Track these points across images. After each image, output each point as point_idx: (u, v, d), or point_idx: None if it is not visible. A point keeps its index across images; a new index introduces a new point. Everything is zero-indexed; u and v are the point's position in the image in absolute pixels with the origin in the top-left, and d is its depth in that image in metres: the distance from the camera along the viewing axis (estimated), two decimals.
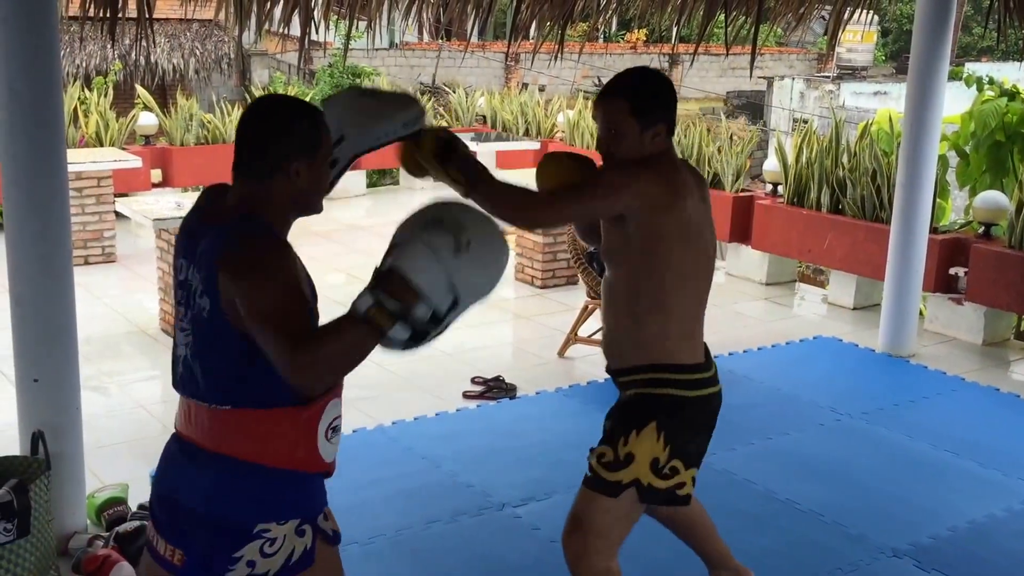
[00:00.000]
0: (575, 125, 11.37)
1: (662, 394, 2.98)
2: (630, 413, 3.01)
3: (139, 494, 4.22)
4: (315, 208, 2.44)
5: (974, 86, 9.62)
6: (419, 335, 2.21)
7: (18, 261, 3.78)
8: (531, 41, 7.01)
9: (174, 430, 2.47)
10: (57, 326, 3.85)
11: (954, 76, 9.60)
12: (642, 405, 3.00)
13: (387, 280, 2.16)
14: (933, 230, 6.88)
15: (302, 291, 2.27)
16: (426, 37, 22.78)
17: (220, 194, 2.44)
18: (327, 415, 2.41)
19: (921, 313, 7.08)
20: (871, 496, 4.72)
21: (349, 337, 2.17)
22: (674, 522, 3.48)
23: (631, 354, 3.01)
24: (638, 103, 2.88)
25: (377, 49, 20.60)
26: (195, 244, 2.33)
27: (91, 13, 4.65)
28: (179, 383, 2.41)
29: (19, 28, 3.63)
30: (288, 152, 2.30)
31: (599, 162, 3.07)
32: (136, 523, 3.99)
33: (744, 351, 6.69)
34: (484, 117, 12.64)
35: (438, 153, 2.74)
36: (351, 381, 6.16)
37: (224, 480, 2.32)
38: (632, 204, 2.86)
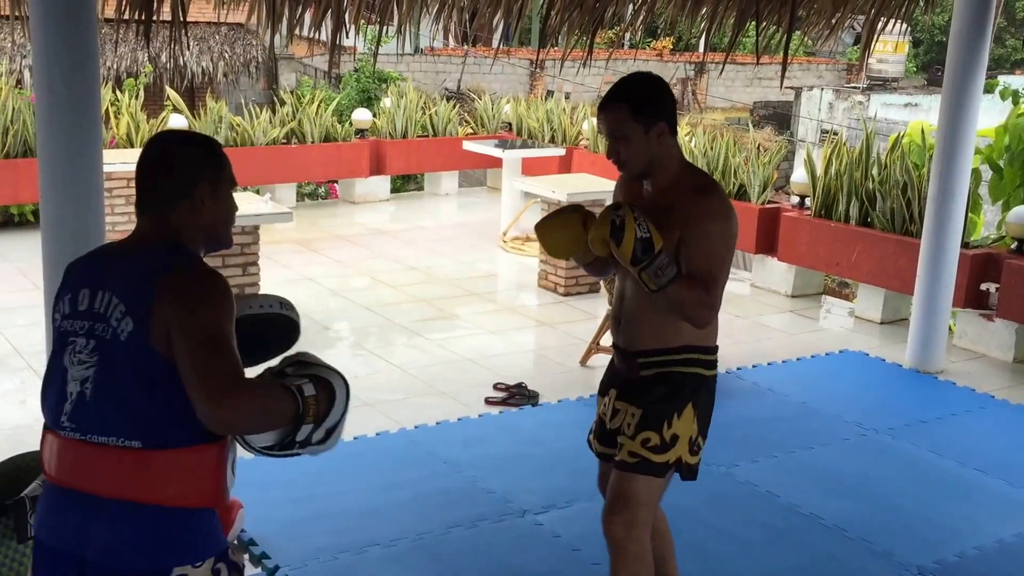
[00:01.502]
0: (599, 133, 11.34)
1: (692, 373, 3.14)
2: (666, 396, 3.13)
3: None
4: (224, 241, 2.43)
5: (1009, 99, 9.54)
6: (286, 445, 2.31)
7: (53, 258, 3.81)
8: (559, 48, 7.00)
9: (45, 477, 2.34)
10: None
11: (988, 89, 9.51)
12: (676, 386, 3.13)
13: (324, 386, 2.29)
14: (964, 245, 6.83)
15: (232, 324, 2.24)
16: (451, 43, 22.86)
17: (116, 242, 2.41)
18: (231, 448, 2.37)
19: (950, 329, 7.02)
20: (896, 513, 4.68)
21: (282, 404, 2.21)
22: (653, 529, 3.50)
23: (665, 336, 3.13)
24: (635, 106, 3.02)
25: (402, 55, 20.65)
26: (107, 269, 2.29)
27: (126, 16, 4.68)
28: (68, 422, 2.25)
29: (59, 29, 3.68)
30: (191, 178, 2.31)
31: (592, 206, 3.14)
32: None
33: (769, 364, 6.65)
34: (510, 124, 12.65)
35: (635, 257, 2.87)
36: (374, 384, 6.19)
37: (136, 529, 2.22)
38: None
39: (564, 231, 3.09)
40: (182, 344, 2.14)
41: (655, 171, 3.09)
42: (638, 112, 3.01)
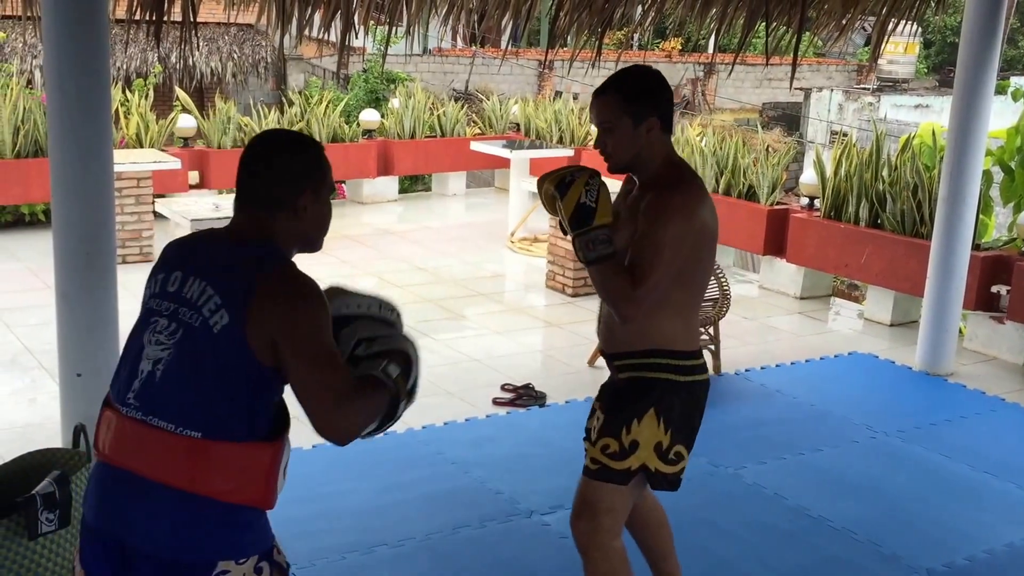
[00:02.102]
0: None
1: (657, 378, 3.03)
2: (627, 401, 3.05)
3: None
4: (316, 246, 2.44)
5: (1020, 100, 9.51)
6: (382, 423, 2.39)
7: (65, 258, 3.83)
8: (568, 49, 7.00)
9: (97, 456, 2.33)
10: (101, 322, 3.90)
11: (999, 90, 9.50)
12: (638, 391, 3.04)
13: (405, 360, 2.40)
14: (975, 247, 6.81)
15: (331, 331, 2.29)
16: (460, 44, 22.88)
17: (215, 230, 2.41)
18: (286, 451, 2.35)
19: (961, 331, 7.00)
20: (906, 515, 4.66)
21: (380, 399, 2.31)
22: (644, 523, 3.46)
23: (631, 339, 3.04)
24: (627, 97, 2.95)
25: (411, 55, 20.67)
26: (203, 257, 2.29)
27: (136, 16, 4.69)
28: (134, 400, 2.24)
29: (70, 30, 3.71)
30: (297, 186, 2.31)
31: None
32: None
33: (777, 365, 6.63)
34: (518, 124, 12.64)
35: (572, 219, 2.82)
36: None
37: (183, 519, 2.20)
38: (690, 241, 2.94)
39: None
40: (295, 359, 2.18)
41: (639, 167, 3.01)
42: (629, 104, 2.94)
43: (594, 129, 11.61)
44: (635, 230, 2.90)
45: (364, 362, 2.36)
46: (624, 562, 3.12)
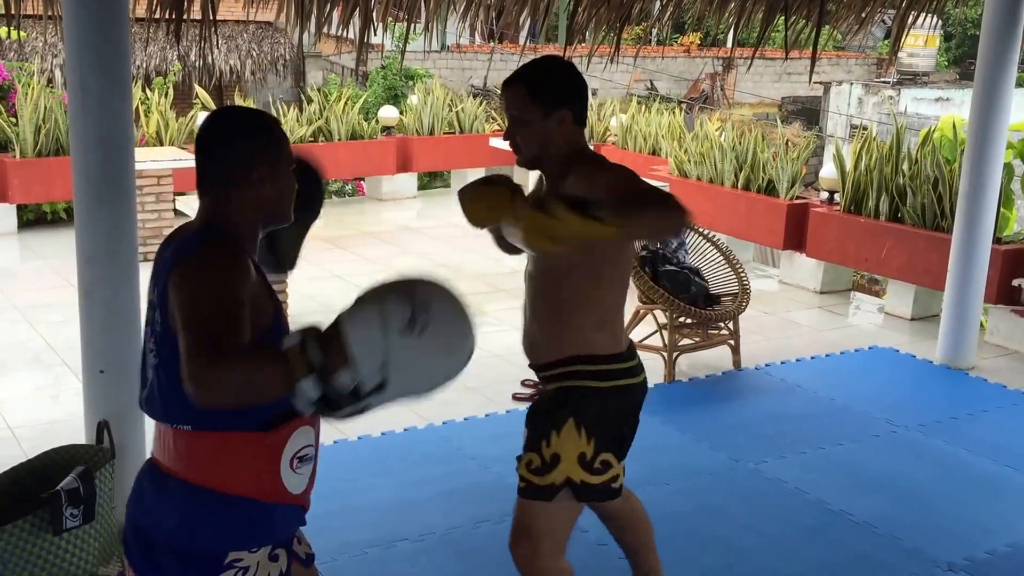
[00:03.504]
0: (628, 129, 11.33)
1: (576, 387, 2.92)
2: (546, 414, 2.96)
3: None
4: (284, 217, 2.39)
5: None
6: (332, 403, 2.06)
7: (87, 255, 3.86)
8: (586, 44, 6.99)
9: (151, 454, 2.41)
10: (123, 318, 3.92)
11: (1020, 83, 9.43)
12: (556, 403, 2.94)
13: (326, 332, 2.06)
14: (996, 240, 6.77)
15: (238, 305, 2.13)
16: (478, 40, 22.86)
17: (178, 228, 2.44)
18: (293, 443, 2.29)
19: (982, 325, 6.97)
20: (927, 509, 4.65)
21: (261, 368, 2.04)
22: (620, 520, 3.38)
23: (555, 348, 2.95)
24: (538, 88, 2.83)
25: (429, 52, 20.68)
26: (160, 258, 2.31)
27: (156, 15, 4.72)
28: (144, 404, 2.34)
29: (91, 29, 3.72)
30: (249, 158, 2.27)
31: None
32: None
33: (797, 360, 6.62)
34: None
35: (580, 213, 2.55)
36: None
37: (191, 509, 2.25)
38: None
39: (487, 201, 2.76)
40: (177, 326, 2.14)
41: (548, 161, 2.87)
42: (538, 95, 2.81)
43: (613, 124, 11.60)
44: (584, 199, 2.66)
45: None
46: None
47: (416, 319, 2.03)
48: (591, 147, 2.98)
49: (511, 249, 3.07)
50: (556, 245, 2.53)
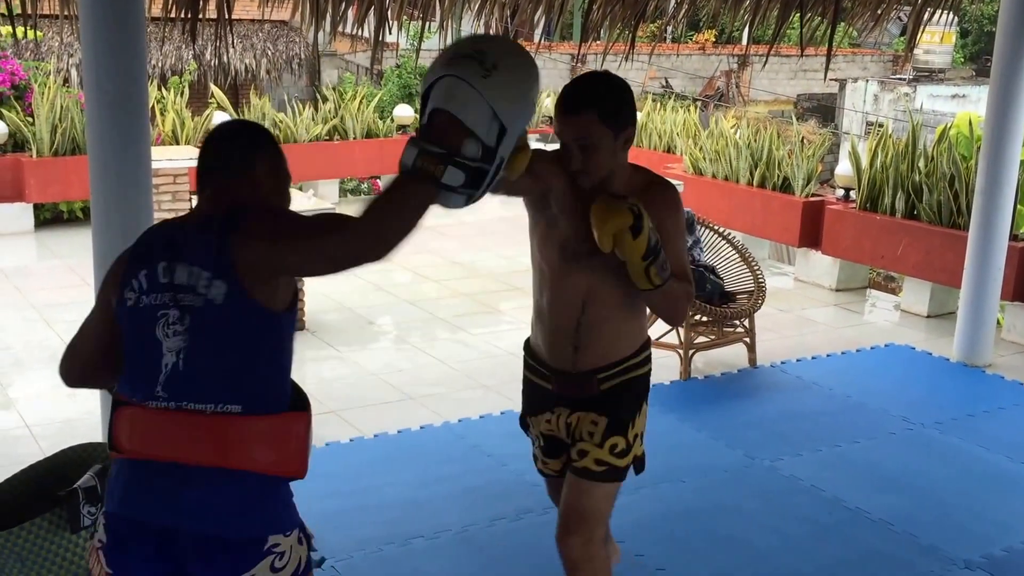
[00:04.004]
0: (643, 127, 11.32)
1: (644, 373, 3.12)
2: (627, 400, 3.07)
3: None
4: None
5: None
6: (476, 177, 2.11)
7: (104, 254, 3.87)
8: (601, 42, 6.99)
9: (118, 454, 2.29)
10: None
11: None
12: (632, 389, 3.08)
13: (427, 126, 2.09)
14: (1013, 237, 6.73)
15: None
16: None
17: (174, 223, 2.40)
18: (312, 421, 2.37)
19: (999, 322, 6.94)
20: (943, 507, 4.64)
21: (402, 195, 2.11)
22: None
23: (620, 347, 3.05)
24: (608, 112, 2.80)
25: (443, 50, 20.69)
26: (179, 244, 2.25)
27: (172, 14, 4.74)
28: (163, 392, 2.22)
29: (108, 28, 3.73)
30: (252, 156, 2.35)
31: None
32: None
33: (812, 357, 6.61)
34: (551, 118, 12.60)
35: (648, 251, 2.70)
36: (418, 378, 6.18)
37: (232, 498, 2.20)
38: None
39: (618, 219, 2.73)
40: (286, 251, 2.16)
41: (612, 179, 2.88)
42: (610, 118, 2.79)
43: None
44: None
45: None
46: (607, 563, 3.13)
47: (483, 62, 2.10)
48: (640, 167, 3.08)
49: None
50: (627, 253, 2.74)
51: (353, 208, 2.22)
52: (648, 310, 3.07)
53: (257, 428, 2.22)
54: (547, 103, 12.78)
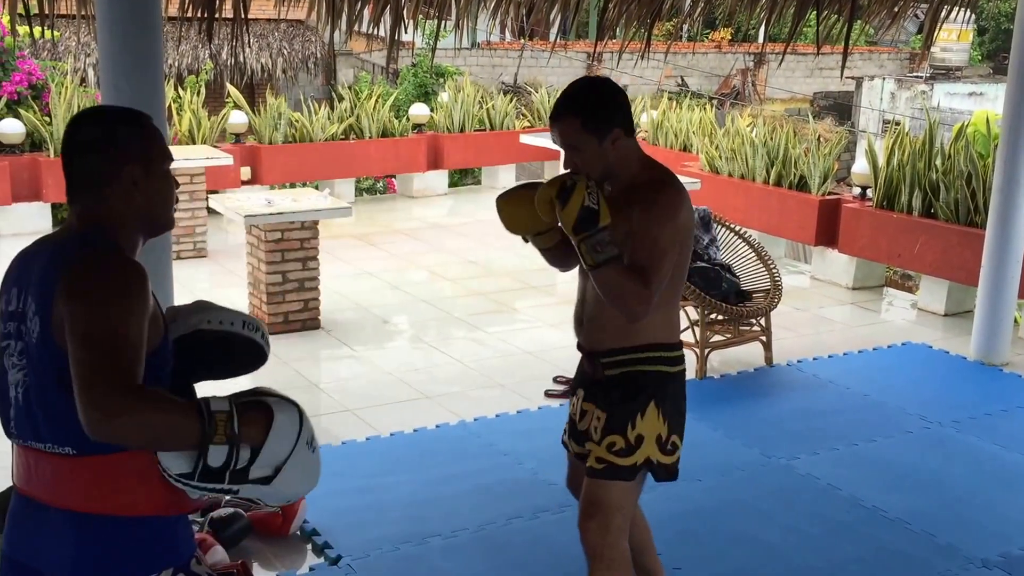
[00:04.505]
0: (659, 125, 11.30)
1: (653, 371, 3.07)
2: (627, 397, 3.07)
3: None
4: (165, 223, 2.24)
5: None
6: (208, 473, 2.02)
7: None
8: (617, 40, 6.98)
9: (13, 484, 2.21)
10: None
11: None
12: (635, 386, 3.07)
13: (252, 407, 2.04)
14: None
15: (143, 326, 2.01)
16: (508, 37, 22.87)
17: (46, 237, 2.24)
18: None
19: (1016, 321, 6.91)
20: (961, 506, 4.62)
21: (182, 421, 1.96)
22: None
23: (624, 335, 3.06)
24: (587, 117, 2.92)
25: (460, 49, 20.72)
26: (29, 266, 2.12)
27: (189, 13, 4.76)
28: (13, 429, 2.13)
29: (124, 28, 3.75)
30: (121, 158, 2.12)
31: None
32: (230, 509, 4.08)
33: (829, 356, 6.59)
34: None
35: (578, 223, 2.77)
36: (433, 377, 6.20)
37: (85, 540, 2.06)
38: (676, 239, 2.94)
39: (521, 206, 2.98)
40: (70, 342, 1.95)
41: (613, 176, 2.99)
42: (589, 124, 2.91)
43: (644, 120, 11.57)
44: (627, 230, 2.88)
45: (215, 400, 2.05)
46: (630, 566, 3.15)
47: (314, 442, 2.15)
48: (654, 162, 3.11)
49: (561, 261, 3.24)
50: (526, 228, 3.01)
51: (368, 209, 2.19)
52: (669, 312, 3.08)
53: (98, 469, 2.06)
54: None
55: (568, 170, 2.97)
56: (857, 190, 8.58)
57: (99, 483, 2.06)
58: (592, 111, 2.93)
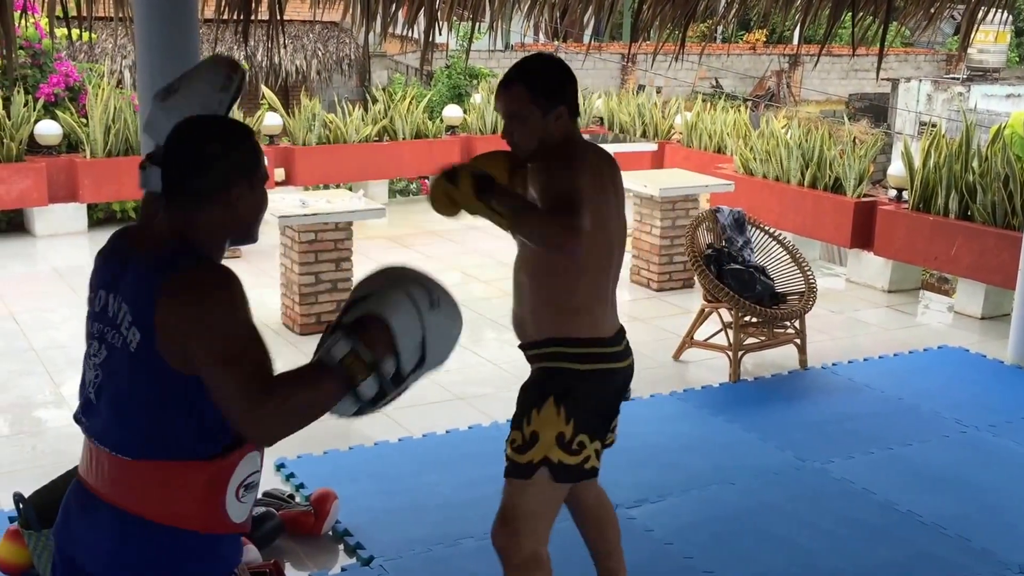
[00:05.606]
0: (693, 127, 11.27)
1: (557, 367, 3.01)
2: (529, 393, 3.04)
3: (267, 481, 4.32)
4: (253, 235, 2.27)
5: None
6: (377, 396, 2.07)
7: None
8: (651, 42, 6.97)
9: (76, 470, 2.26)
10: None
11: None
12: (539, 382, 3.03)
13: (365, 327, 2.04)
14: None
15: (253, 323, 2.06)
16: (542, 38, 22.87)
17: (139, 229, 2.29)
18: (240, 471, 2.15)
19: None
20: (997, 510, 4.57)
21: (321, 387, 2.01)
22: (587, 518, 3.45)
23: (535, 329, 3.05)
24: (536, 89, 2.93)
25: (493, 51, 20.73)
26: (120, 273, 2.15)
27: (225, 15, 4.79)
28: (82, 417, 2.21)
29: (161, 30, 3.79)
30: (233, 176, 2.15)
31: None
32: (262, 509, 4.10)
33: (864, 359, 6.54)
34: (601, 119, 12.62)
35: (477, 190, 2.78)
36: (466, 379, 6.21)
37: (126, 541, 2.10)
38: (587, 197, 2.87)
39: (438, 201, 2.92)
40: (205, 361, 2.00)
41: (541, 151, 2.97)
42: (537, 95, 2.92)
43: (678, 122, 11.55)
44: (539, 188, 2.88)
45: (329, 341, 2.07)
46: (543, 569, 3.07)
47: (432, 295, 2.16)
48: (579, 138, 3.10)
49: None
50: (453, 211, 2.86)
51: (401, 210, 2.19)
52: (591, 303, 3.01)
53: (148, 475, 2.10)
54: (597, 104, 12.76)
55: (504, 139, 2.99)
56: (893, 192, 8.51)
57: (148, 487, 2.10)
58: (543, 83, 2.95)
